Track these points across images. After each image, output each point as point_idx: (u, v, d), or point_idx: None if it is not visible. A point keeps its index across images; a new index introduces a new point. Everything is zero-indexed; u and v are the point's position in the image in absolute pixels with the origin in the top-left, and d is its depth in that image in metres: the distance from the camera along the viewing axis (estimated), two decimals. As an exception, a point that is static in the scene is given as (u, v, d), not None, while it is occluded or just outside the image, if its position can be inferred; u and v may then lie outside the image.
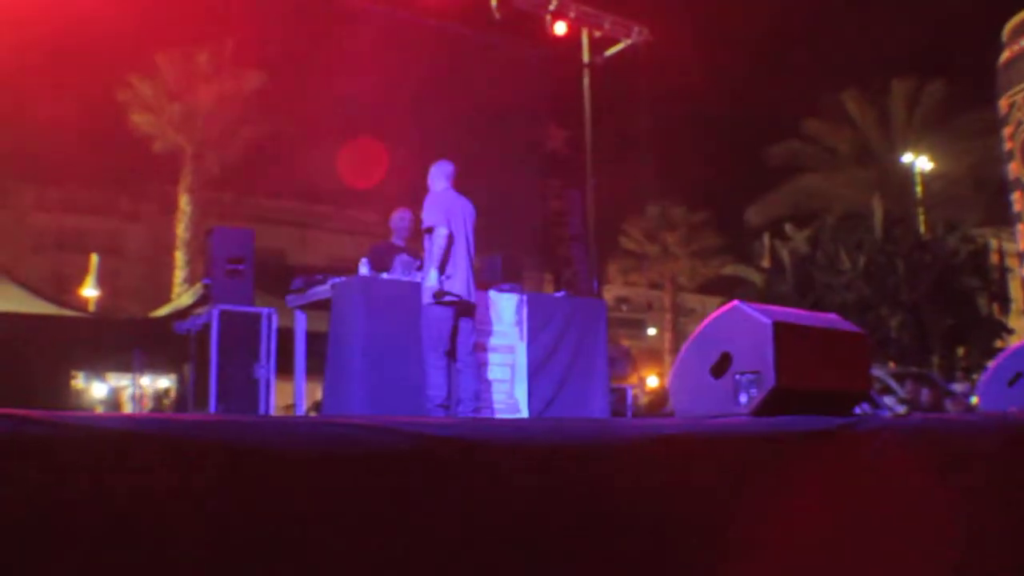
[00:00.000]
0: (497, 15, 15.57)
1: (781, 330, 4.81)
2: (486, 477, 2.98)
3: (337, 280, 9.31)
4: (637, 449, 3.60)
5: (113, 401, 24.67)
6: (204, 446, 2.45)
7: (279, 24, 18.69)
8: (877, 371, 19.42)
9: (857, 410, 5.70)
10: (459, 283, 8.41)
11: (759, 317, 4.86)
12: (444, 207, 8.45)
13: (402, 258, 9.55)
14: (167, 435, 2.45)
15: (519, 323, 9.88)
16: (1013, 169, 32.47)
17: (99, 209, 40.56)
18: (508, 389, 9.75)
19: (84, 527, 2.20)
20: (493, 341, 9.66)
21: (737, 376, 4.88)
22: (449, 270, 8.38)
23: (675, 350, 48.37)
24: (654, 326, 58.58)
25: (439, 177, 8.75)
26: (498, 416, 9.44)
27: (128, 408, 22.41)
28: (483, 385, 9.21)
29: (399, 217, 10.21)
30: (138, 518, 2.27)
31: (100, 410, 22.88)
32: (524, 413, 9.77)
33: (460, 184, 8.82)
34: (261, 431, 2.67)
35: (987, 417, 5.52)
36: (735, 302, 5.13)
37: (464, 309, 8.53)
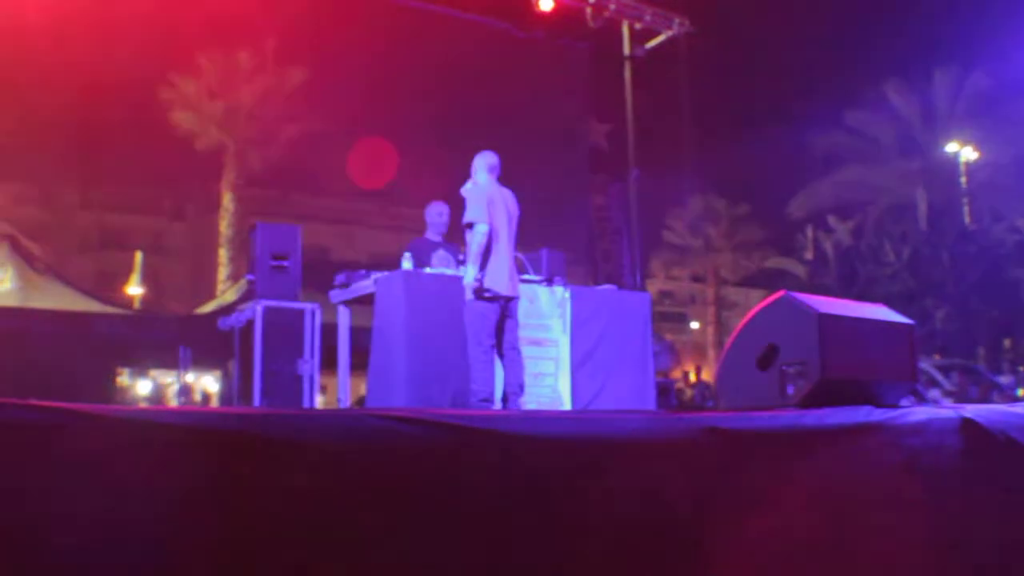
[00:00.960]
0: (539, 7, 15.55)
1: (828, 321, 4.78)
2: (530, 470, 2.98)
3: (380, 275, 9.32)
4: (684, 442, 3.58)
5: (157, 397, 24.88)
6: (246, 438, 2.46)
7: (320, 22, 18.76)
8: (922, 363, 19.27)
9: (907, 400, 5.66)
10: (502, 278, 8.37)
11: (806, 308, 4.82)
12: (486, 201, 8.40)
13: (439, 254, 9.55)
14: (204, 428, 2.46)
15: (563, 316, 9.86)
16: (1059, 158, 32.16)
17: (143, 207, 40.84)
18: (552, 383, 9.74)
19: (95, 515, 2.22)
20: (537, 334, 9.64)
21: (784, 367, 4.86)
22: (491, 265, 8.35)
23: (718, 344, 48.22)
24: (697, 320, 58.40)
25: (481, 168, 8.70)
26: (542, 410, 9.42)
27: (173, 403, 22.60)
28: (528, 379, 9.20)
29: (435, 212, 10.10)
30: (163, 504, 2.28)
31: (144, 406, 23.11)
32: (567, 406, 9.74)
33: (504, 179, 8.79)
34: (304, 424, 2.67)
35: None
36: (782, 292, 5.10)
37: (507, 304, 8.50)
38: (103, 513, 2.21)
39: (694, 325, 58.95)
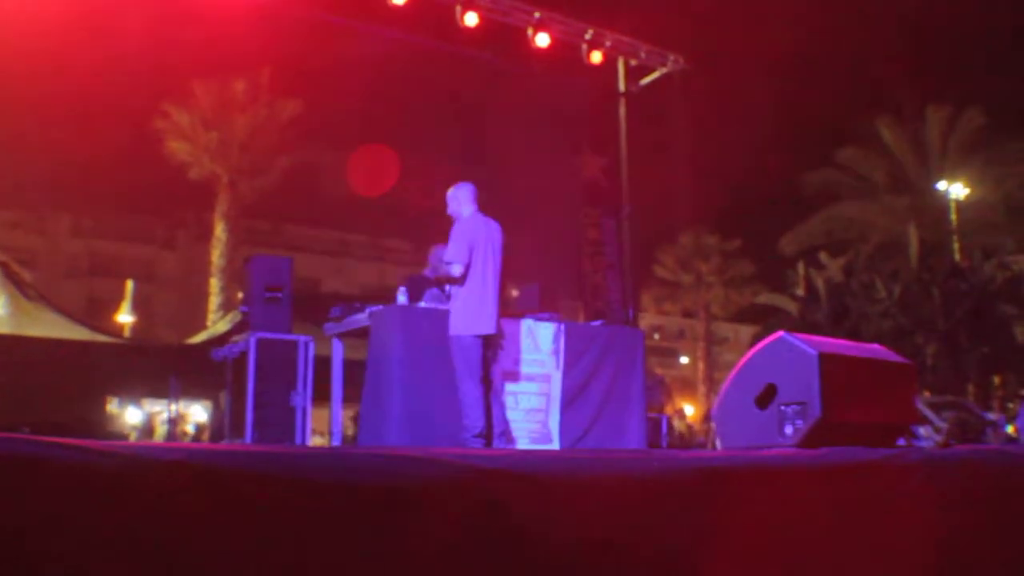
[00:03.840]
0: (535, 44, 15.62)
1: (827, 361, 4.77)
2: (533, 510, 2.96)
3: (375, 309, 9.29)
4: (679, 483, 3.57)
5: (147, 427, 24.78)
6: (246, 476, 2.44)
7: (314, 54, 18.78)
8: (914, 400, 19.24)
9: (900, 442, 5.65)
10: (485, 315, 8.32)
11: (805, 348, 4.81)
12: (469, 238, 8.35)
13: (433, 292, 9.52)
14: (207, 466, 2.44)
15: (556, 352, 9.82)
16: (1049, 196, 32.28)
17: (134, 235, 40.89)
18: (542, 419, 9.70)
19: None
20: (529, 370, 9.60)
21: (782, 407, 4.85)
22: (475, 303, 8.30)
23: (708, 379, 48.23)
24: (686, 355, 58.44)
25: (466, 201, 8.61)
26: (530, 446, 9.40)
27: (161, 432, 22.50)
28: (518, 414, 9.19)
29: (436, 255, 10.12)
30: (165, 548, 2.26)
31: (133, 436, 23.01)
32: (556, 443, 9.71)
33: (499, 211, 8.75)
34: (311, 463, 2.66)
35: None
36: (780, 333, 5.10)
37: (491, 339, 8.45)
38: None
39: (684, 360, 58.98)
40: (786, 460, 4.20)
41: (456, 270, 8.24)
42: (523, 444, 9.31)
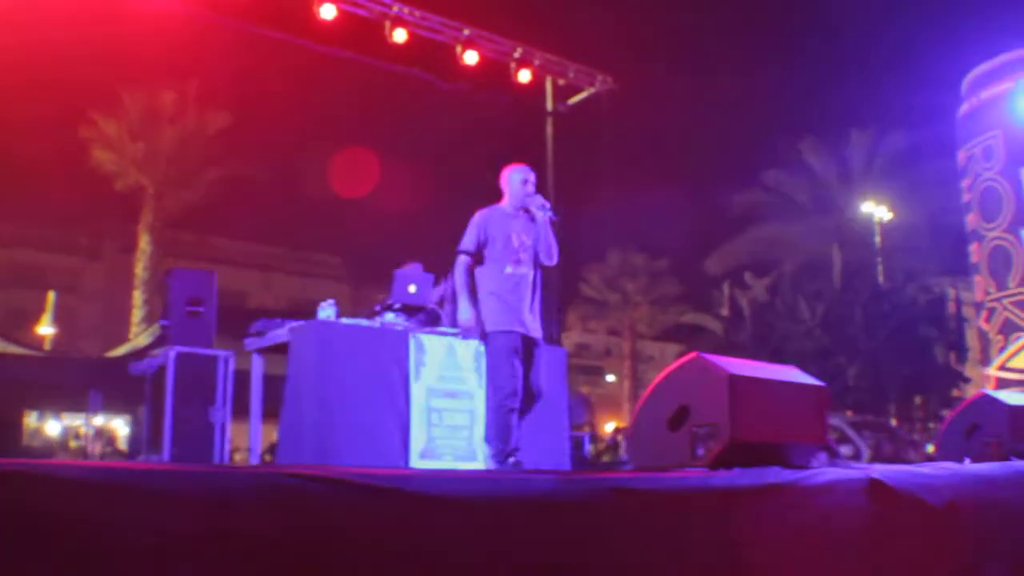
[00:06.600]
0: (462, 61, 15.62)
1: (739, 383, 4.81)
2: (436, 532, 2.96)
3: (295, 324, 9.20)
4: (592, 503, 3.58)
5: (62, 441, 24.40)
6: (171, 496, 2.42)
7: (245, 67, 18.70)
8: (835, 420, 19.47)
9: (817, 460, 5.71)
10: None
11: (717, 369, 4.85)
12: None
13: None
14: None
15: (478, 369, 9.82)
16: (971, 221, 32.57)
17: (57, 246, 40.28)
18: (467, 435, 9.68)
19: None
20: (452, 386, 9.59)
21: (695, 428, 4.88)
22: None
23: (634, 397, 48.37)
24: (613, 373, 58.53)
25: None
26: (455, 463, 9.38)
27: (73, 447, 22.14)
28: (445, 431, 9.17)
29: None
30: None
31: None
32: (480, 460, 9.69)
33: (428, 228, 8.66)
34: (234, 483, 2.64)
35: (943, 468, 5.52)
36: (695, 353, 5.13)
37: None
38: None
39: (610, 378, 59.07)
40: (697, 480, 4.23)
41: None
42: (448, 461, 9.30)
